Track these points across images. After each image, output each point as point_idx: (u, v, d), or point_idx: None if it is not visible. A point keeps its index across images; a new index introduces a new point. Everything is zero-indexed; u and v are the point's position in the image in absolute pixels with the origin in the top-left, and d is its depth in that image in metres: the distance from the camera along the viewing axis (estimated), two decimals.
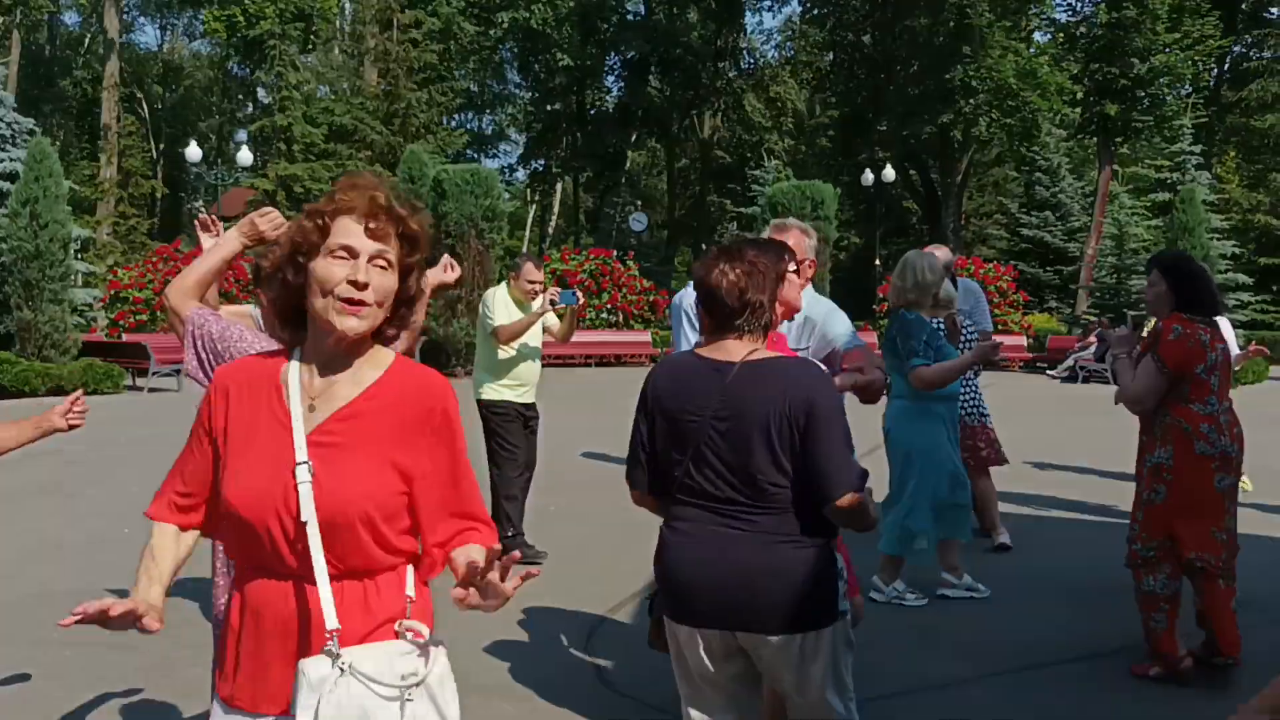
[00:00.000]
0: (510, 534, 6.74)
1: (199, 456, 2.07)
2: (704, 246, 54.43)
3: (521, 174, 52.50)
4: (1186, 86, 34.43)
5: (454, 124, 45.08)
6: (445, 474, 2.04)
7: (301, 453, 1.95)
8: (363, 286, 1.95)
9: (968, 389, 7.09)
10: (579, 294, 7.07)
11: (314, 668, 1.89)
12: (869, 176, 34.38)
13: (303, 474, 1.93)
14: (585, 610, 5.89)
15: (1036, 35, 37.26)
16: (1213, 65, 36.91)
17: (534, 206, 55.78)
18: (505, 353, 6.92)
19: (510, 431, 6.94)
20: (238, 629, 2.02)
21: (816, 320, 4.04)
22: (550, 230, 54.50)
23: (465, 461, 2.07)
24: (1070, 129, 33.60)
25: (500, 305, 6.93)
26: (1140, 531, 4.76)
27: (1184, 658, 4.69)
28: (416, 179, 22.56)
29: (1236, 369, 7.15)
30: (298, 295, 2.02)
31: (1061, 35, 33.14)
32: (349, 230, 1.97)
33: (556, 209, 55.88)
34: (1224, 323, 7.06)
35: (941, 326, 6.09)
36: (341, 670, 1.88)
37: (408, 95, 36.24)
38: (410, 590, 2.02)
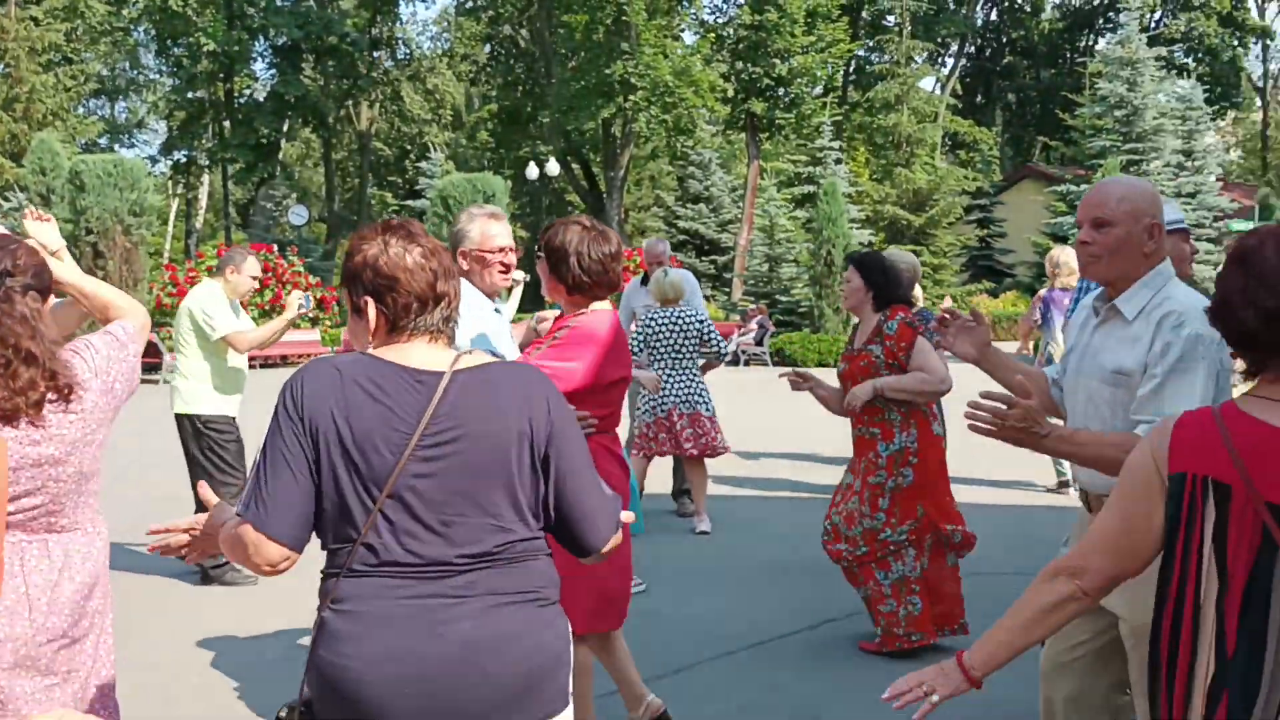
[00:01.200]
0: (224, 561, 6.24)
1: None
2: None
3: (164, 165, 49.01)
4: (819, 87, 37.11)
5: (84, 111, 41.49)
6: None
7: None
8: None
9: (687, 379, 7.29)
10: (312, 297, 6.66)
11: None
12: (534, 170, 34.71)
13: None
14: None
15: (687, 36, 38.93)
16: (843, 67, 40.02)
17: (177, 200, 52.39)
18: (234, 360, 6.33)
19: (230, 452, 6.31)
20: None
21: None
22: (198, 225, 51.36)
23: None
24: (721, 125, 35.35)
25: (222, 308, 6.28)
26: (889, 519, 4.89)
27: (938, 631, 4.99)
28: (49, 170, 20.54)
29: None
30: None
31: (713, 35, 34.82)
32: None
33: (204, 202, 52.71)
34: None
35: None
36: None
37: (31, 78, 32.94)
38: None
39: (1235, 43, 50.95)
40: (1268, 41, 54.27)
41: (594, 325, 3.59)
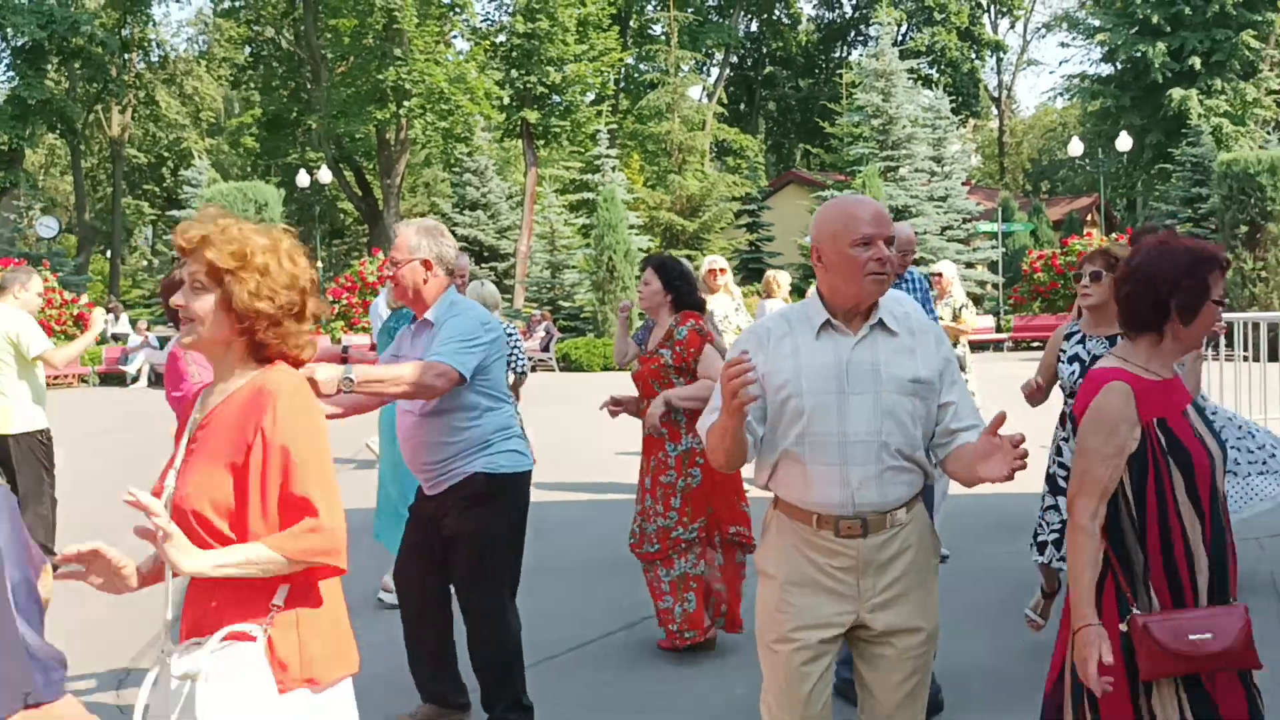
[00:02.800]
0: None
1: None
2: (123, 252, 50.32)
3: None
4: (592, 95, 37.60)
5: None
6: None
7: (180, 457, 2.33)
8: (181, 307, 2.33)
9: None
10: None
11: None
12: (304, 178, 33.74)
13: (171, 476, 2.31)
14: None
15: (459, 43, 38.70)
16: (614, 76, 40.67)
17: None
18: (41, 377, 6.50)
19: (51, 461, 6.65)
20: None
21: (439, 325, 3.98)
22: None
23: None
24: (497, 133, 35.32)
25: (31, 326, 6.31)
26: (680, 518, 5.05)
27: (710, 628, 5.18)
28: None
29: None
30: None
31: (487, 43, 34.74)
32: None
33: None
34: None
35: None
36: (162, 661, 2.22)
37: None
38: (279, 599, 2.24)
39: (974, 55, 54.75)
40: (1001, 55, 58.57)
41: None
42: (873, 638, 2.79)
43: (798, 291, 31.62)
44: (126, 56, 44.47)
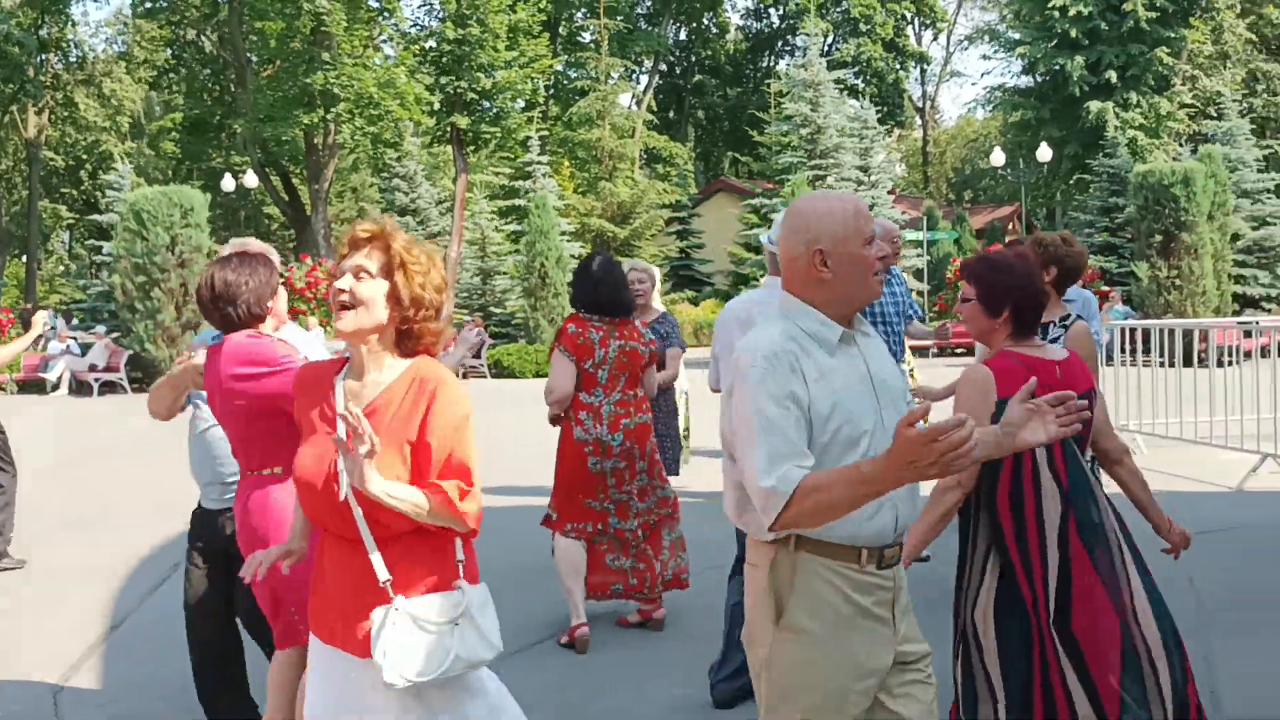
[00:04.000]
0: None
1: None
2: (39, 257, 49.06)
3: None
4: (522, 101, 37.48)
5: None
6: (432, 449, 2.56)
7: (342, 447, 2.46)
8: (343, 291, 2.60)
9: None
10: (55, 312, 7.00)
11: (377, 614, 2.53)
12: (230, 182, 33.24)
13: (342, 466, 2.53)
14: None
15: (389, 48, 38.37)
16: (545, 83, 40.62)
17: None
18: None
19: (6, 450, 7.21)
20: (321, 578, 2.70)
21: None
22: None
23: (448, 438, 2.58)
24: (426, 138, 35.11)
25: None
26: (552, 502, 5.53)
27: (579, 626, 5.31)
28: None
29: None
30: None
31: (417, 47, 34.45)
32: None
33: None
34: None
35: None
36: (394, 610, 2.52)
37: None
38: (460, 553, 2.67)
39: (898, 66, 55.67)
40: (925, 66, 59.61)
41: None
42: (904, 669, 2.56)
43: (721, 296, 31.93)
44: (44, 57, 43.44)
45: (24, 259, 47.63)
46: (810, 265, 2.50)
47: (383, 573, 2.54)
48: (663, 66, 55.83)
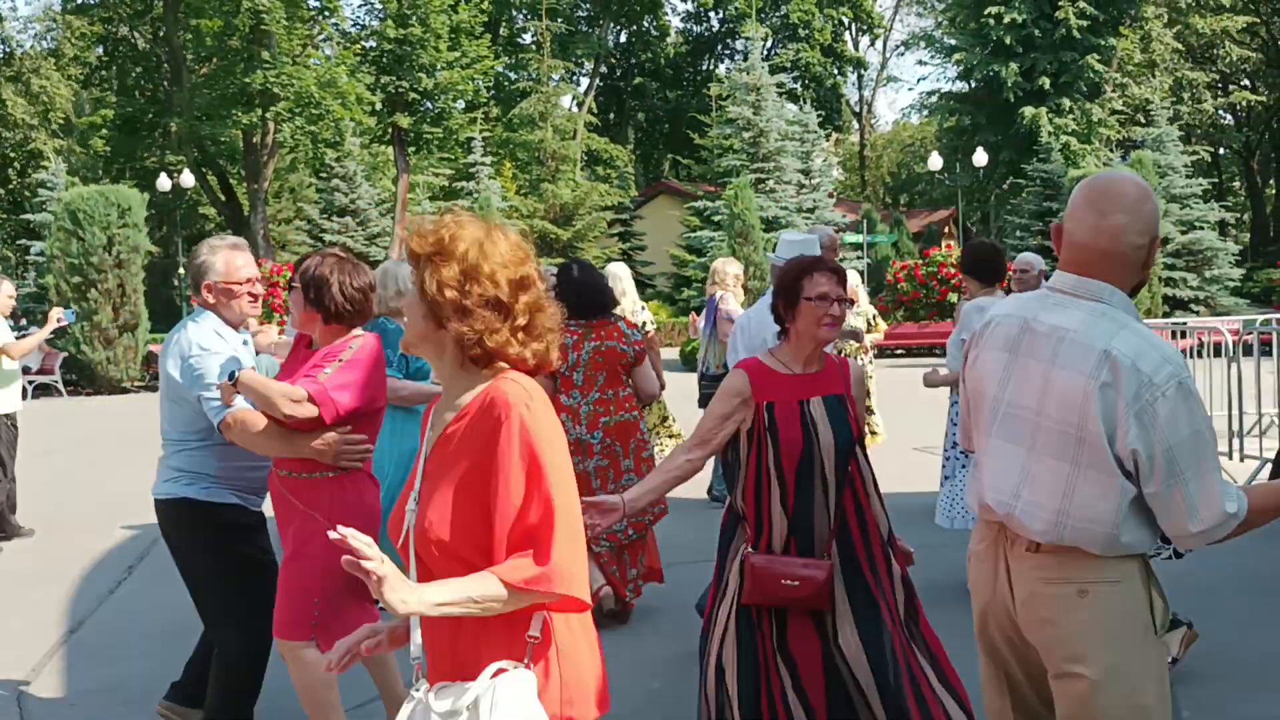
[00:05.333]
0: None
1: None
2: None
3: None
4: (463, 102, 37.38)
5: None
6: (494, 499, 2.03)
7: (418, 483, 2.12)
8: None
9: None
10: (76, 311, 7.41)
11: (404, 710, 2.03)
12: (165, 182, 32.70)
13: (411, 503, 2.11)
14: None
15: (327, 47, 38.02)
16: (486, 84, 40.48)
17: None
18: (8, 365, 7.53)
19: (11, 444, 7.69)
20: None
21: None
22: None
23: (515, 487, 2.01)
24: (367, 138, 34.87)
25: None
26: None
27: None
28: None
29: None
30: None
31: (358, 47, 34.24)
32: None
33: None
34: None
35: None
36: (415, 700, 2.01)
37: None
38: (535, 629, 2.05)
39: (836, 71, 56.25)
40: (862, 71, 60.32)
41: (372, 349, 3.71)
42: None
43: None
44: None
45: None
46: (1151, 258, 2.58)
47: (415, 648, 2.08)
48: (603, 69, 55.86)
